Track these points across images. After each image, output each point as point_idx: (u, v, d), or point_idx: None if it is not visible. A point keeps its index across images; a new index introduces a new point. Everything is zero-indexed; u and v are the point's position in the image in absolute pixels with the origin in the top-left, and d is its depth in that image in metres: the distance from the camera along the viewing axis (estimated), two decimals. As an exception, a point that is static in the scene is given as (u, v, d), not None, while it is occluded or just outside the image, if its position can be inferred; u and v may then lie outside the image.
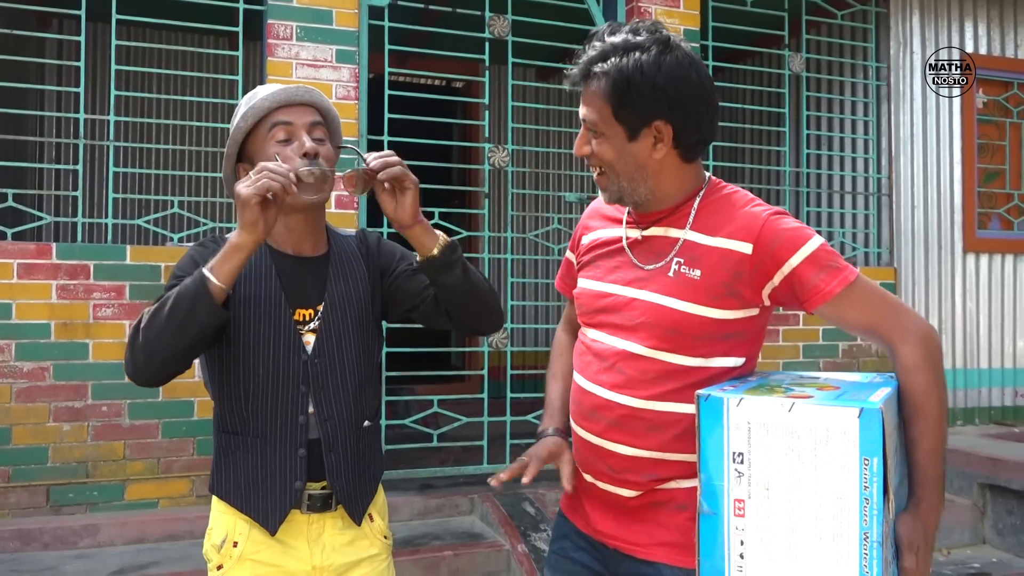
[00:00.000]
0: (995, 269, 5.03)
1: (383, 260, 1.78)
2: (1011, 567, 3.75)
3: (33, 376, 3.29)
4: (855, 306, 1.46)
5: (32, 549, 3.18)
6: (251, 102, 1.64)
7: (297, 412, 1.62)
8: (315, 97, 1.69)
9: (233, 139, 1.63)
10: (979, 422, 4.93)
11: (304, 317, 1.66)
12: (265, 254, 1.66)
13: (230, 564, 1.63)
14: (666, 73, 1.43)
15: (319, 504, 1.64)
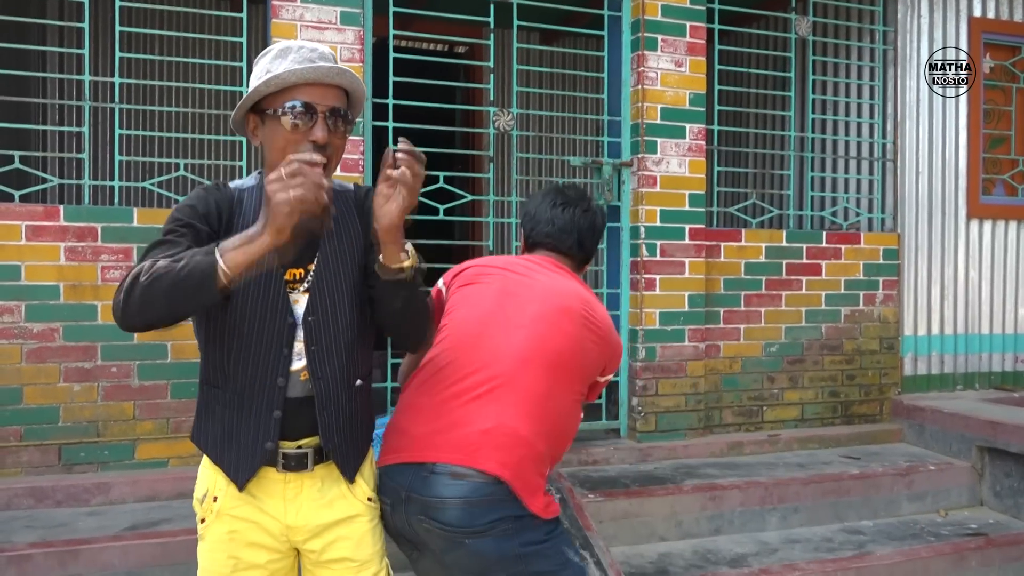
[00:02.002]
0: (998, 235, 5.03)
1: None
2: (1008, 528, 3.81)
3: (43, 337, 3.32)
4: None
5: (45, 506, 3.23)
6: (280, 66, 1.61)
7: (277, 373, 1.63)
8: (345, 79, 1.64)
9: (251, 94, 1.62)
10: (979, 387, 4.97)
11: (295, 276, 1.67)
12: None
13: (211, 519, 1.69)
14: None
15: (294, 463, 1.66)
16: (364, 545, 1.74)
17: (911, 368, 4.82)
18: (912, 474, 4.03)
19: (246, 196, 1.69)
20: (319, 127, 1.59)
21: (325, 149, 1.59)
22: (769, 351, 4.43)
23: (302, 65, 1.59)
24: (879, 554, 3.45)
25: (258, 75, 1.63)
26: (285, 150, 1.58)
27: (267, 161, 1.66)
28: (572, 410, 1.95)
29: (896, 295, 4.73)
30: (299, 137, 1.58)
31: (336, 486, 1.73)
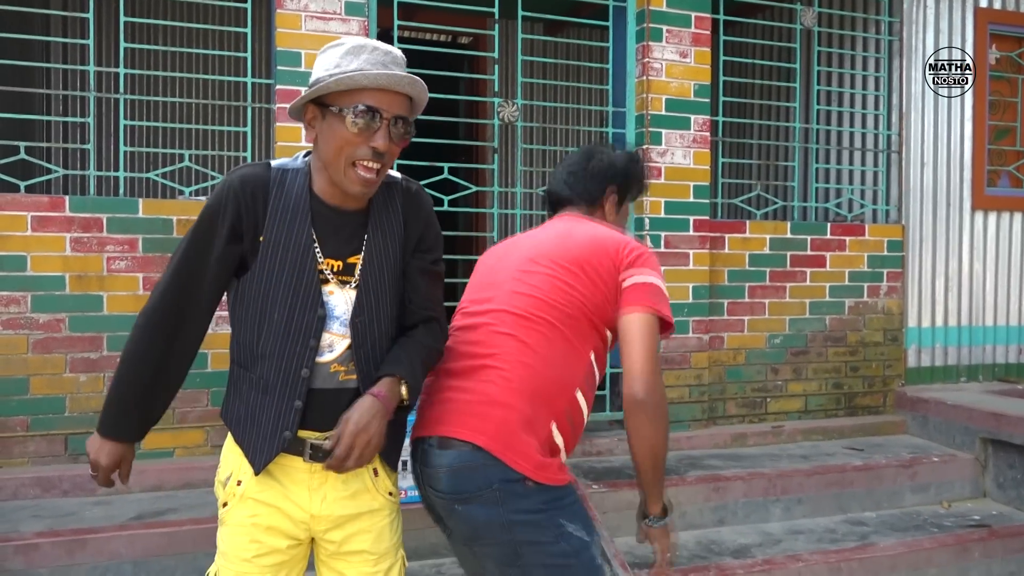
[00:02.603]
0: (1003, 227, 5.03)
1: (423, 238, 1.77)
2: (1011, 520, 3.81)
3: (49, 328, 3.33)
4: None
5: (52, 496, 3.25)
6: (352, 64, 1.58)
7: (301, 364, 1.63)
8: (414, 89, 1.62)
9: (319, 88, 1.58)
10: (983, 379, 4.98)
11: (331, 267, 1.66)
12: (305, 199, 1.64)
13: (234, 502, 1.69)
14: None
15: (321, 455, 1.65)
16: (383, 538, 1.75)
17: (915, 360, 4.82)
18: (915, 466, 4.03)
19: (288, 177, 1.65)
20: (381, 134, 1.57)
21: (383, 156, 1.58)
22: (773, 343, 4.43)
23: (375, 69, 1.57)
24: (882, 545, 3.46)
25: (326, 67, 1.60)
26: (343, 150, 1.57)
27: (320, 153, 1.63)
28: (564, 357, 1.83)
29: (900, 287, 4.73)
30: (360, 140, 1.57)
31: (359, 479, 1.73)
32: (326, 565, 1.77)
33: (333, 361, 1.67)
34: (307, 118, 1.64)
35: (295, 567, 1.73)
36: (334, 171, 1.60)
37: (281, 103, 3.55)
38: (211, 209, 1.64)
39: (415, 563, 3.20)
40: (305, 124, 1.65)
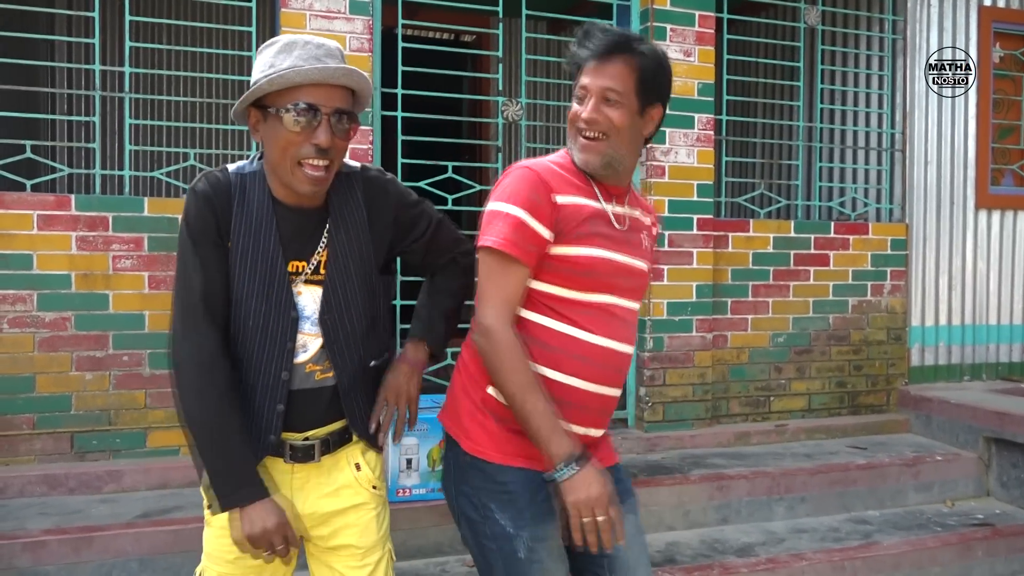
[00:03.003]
0: (1007, 225, 5.02)
1: (399, 220, 1.77)
2: (1015, 518, 3.82)
3: (55, 326, 3.34)
4: None
5: (58, 493, 3.26)
6: (285, 62, 1.56)
7: (280, 368, 1.64)
8: (352, 79, 1.59)
9: (254, 90, 1.57)
10: (986, 377, 4.98)
11: (297, 268, 1.66)
12: (267, 204, 1.63)
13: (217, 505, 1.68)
14: (670, 70, 1.80)
15: (301, 455, 1.68)
16: (369, 532, 1.76)
17: (918, 359, 4.82)
18: (919, 464, 4.04)
19: (247, 183, 1.64)
20: (322, 130, 1.55)
21: (328, 152, 1.56)
22: (777, 341, 4.44)
23: (308, 64, 1.54)
24: (886, 544, 3.46)
25: (261, 68, 1.58)
26: (287, 150, 1.56)
27: (267, 157, 1.62)
28: None
29: (904, 285, 4.73)
30: (302, 138, 1.55)
31: (342, 475, 1.74)
32: (316, 560, 1.80)
33: (308, 361, 1.67)
34: (251, 122, 1.63)
35: (283, 566, 1.74)
36: (282, 173, 1.59)
37: (286, 102, 3.55)
38: (193, 226, 1.60)
39: (419, 561, 3.21)
40: (251, 129, 1.64)
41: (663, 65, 1.76)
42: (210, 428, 1.56)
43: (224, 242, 1.61)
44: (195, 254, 1.58)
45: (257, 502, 1.56)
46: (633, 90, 1.72)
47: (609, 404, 1.82)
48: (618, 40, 1.73)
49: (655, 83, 1.74)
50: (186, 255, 1.59)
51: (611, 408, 1.84)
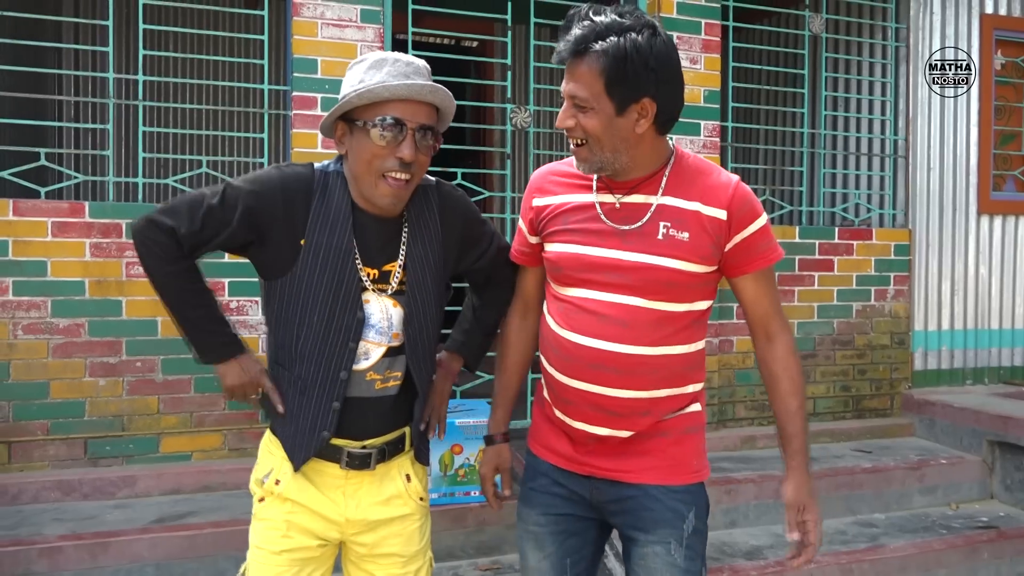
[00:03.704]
0: (1008, 231, 5.07)
1: (466, 237, 1.82)
2: (1019, 521, 3.85)
3: (69, 332, 3.36)
4: (769, 287, 1.74)
5: (72, 499, 3.28)
6: (374, 78, 1.60)
7: (340, 367, 1.66)
8: (437, 97, 1.64)
9: (343, 104, 1.62)
10: (988, 381, 5.02)
11: (370, 275, 1.69)
12: (347, 205, 1.67)
13: (271, 499, 1.73)
14: (657, 55, 1.57)
15: (357, 463, 1.71)
16: (413, 541, 1.80)
17: (921, 363, 4.86)
18: (923, 468, 4.07)
19: (330, 181, 1.69)
20: (407, 145, 1.59)
21: (410, 166, 1.61)
22: (780, 346, 4.46)
23: (396, 80, 1.59)
24: (892, 546, 3.50)
25: (351, 83, 1.63)
26: (372, 163, 1.60)
27: (351, 167, 1.66)
28: None
29: (907, 290, 4.77)
30: (387, 152, 1.59)
31: (393, 484, 1.78)
32: (355, 566, 1.82)
33: (369, 369, 1.70)
34: (337, 135, 1.68)
35: (322, 565, 1.77)
36: (364, 184, 1.63)
37: (297, 109, 3.59)
38: (248, 195, 1.63)
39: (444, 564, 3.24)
40: (336, 141, 1.69)
41: (632, 57, 1.54)
42: (182, 296, 1.65)
43: (282, 239, 1.65)
44: (237, 213, 1.62)
45: (231, 359, 1.69)
46: (602, 93, 1.58)
47: (603, 402, 1.68)
48: (581, 37, 1.58)
49: (627, 79, 1.56)
50: (229, 200, 1.62)
51: (610, 407, 1.68)
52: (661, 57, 1.57)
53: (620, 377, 1.67)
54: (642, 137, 1.63)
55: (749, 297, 1.73)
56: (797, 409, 1.74)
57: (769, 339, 1.75)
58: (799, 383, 1.75)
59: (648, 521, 1.71)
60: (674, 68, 1.61)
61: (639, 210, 1.68)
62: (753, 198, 1.70)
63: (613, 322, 1.66)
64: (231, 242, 1.65)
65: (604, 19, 1.58)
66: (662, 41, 1.58)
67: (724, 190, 1.67)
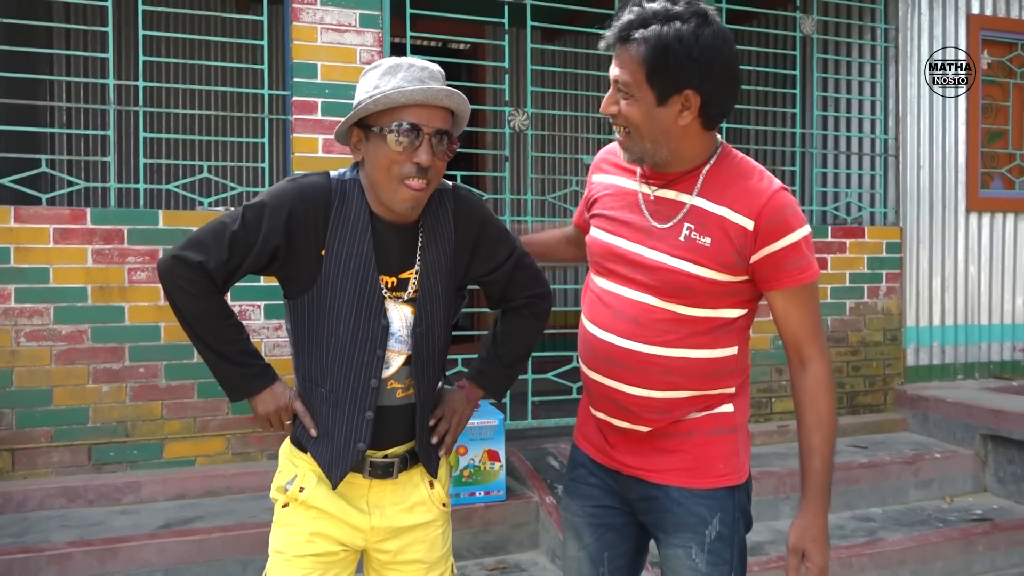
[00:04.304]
0: (996, 228, 5.15)
1: (479, 244, 1.79)
2: (1012, 513, 3.92)
3: (72, 339, 3.36)
4: (804, 307, 1.63)
5: (77, 506, 3.28)
6: (389, 83, 1.59)
7: (370, 375, 1.66)
8: (453, 101, 1.62)
9: (358, 110, 1.60)
10: (979, 376, 5.09)
11: (388, 284, 1.68)
12: (365, 213, 1.66)
13: (295, 505, 1.72)
14: (703, 46, 1.51)
15: (380, 472, 1.71)
16: (435, 547, 1.80)
17: (913, 359, 4.93)
18: (918, 462, 4.14)
19: (348, 190, 1.68)
20: (424, 149, 1.58)
21: (428, 171, 1.59)
22: (777, 344, 4.52)
23: (412, 85, 1.58)
24: (890, 540, 3.56)
25: (365, 89, 1.62)
26: (390, 169, 1.59)
27: (368, 173, 1.65)
28: None
29: (899, 287, 4.84)
30: (404, 157, 1.58)
31: (416, 491, 1.78)
32: (378, 573, 1.82)
33: (390, 378, 1.70)
34: (352, 141, 1.66)
35: (346, 569, 1.77)
36: (381, 190, 1.62)
37: (297, 114, 3.60)
38: (268, 211, 1.62)
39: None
40: (351, 148, 1.68)
41: (674, 47, 1.49)
42: (211, 334, 1.65)
43: (303, 251, 1.64)
44: (262, 233, 1.61)
45: (264, 390, 1.70)
46: (643, 81, 1.54)
47: (617, 397, 1.68)
48: (626, 23, 1.55)
49: (668, 69, 1.51)
50: (250, 222, 1.61)
51: (624, 403, 1.68)
52: (707, 48, 1.51)
53: (632, 374, 1.65)
54: (685, 130, 1.58)
55: (778, 314, 1.66)
56: (819, 446, 1.62)
57: (802, 364, 1.65)
58: (826, 419, 1.62)
59: (670, 524, 1.69)
60: (724, 60, 1.54)
61: (673, 208, 1.64)
62: (790, 210, 1.59)
63: (625, 318, 1.65)
64: (258, 263, 1.64)
65: (654, 5, 1.54)
66: (712, 32, 1.52)
67: (759, 198, 1.59)
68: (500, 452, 3.46)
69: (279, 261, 1.65)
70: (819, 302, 1.68)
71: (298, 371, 1.75)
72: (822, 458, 1.63)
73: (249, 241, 1.61)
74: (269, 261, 1.65)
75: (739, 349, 1.70)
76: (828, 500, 1.65)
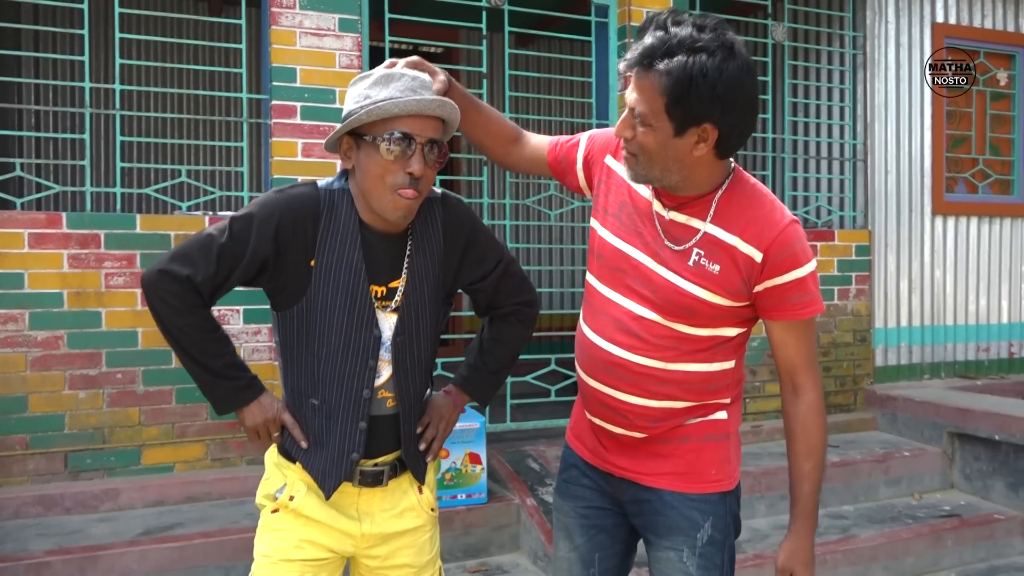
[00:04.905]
0: (960, 231, 5.29)
1: (468, 252, 1.78)
2: (978, 509, 4.03)
3: (47, 345, 3.32)
4: (800, 338, 1.66)
5: (54, 514, 3.24)
6: (381, 94, 1.59)
7: (363, 385, 1.66)
8: (445, 111, 1.63)
9: (351, 120, 1.60)
10: (945, 376, 5.22)
11: (377, 293, 1.68)
12: (355, 224, 1.66)
13: (285, 512, 1.71)
14: (726, 81, 1.47)
15: (370, 480, 1.72)
16: (424, 552, 1.81)
17: (882, 359, 5.04)
18: (888, 460, 4.24)
19: (336, 198, 1.67)
20: (416, 159, 1.58)
21: (419, 181, 1.60)
22: (750, 346, 4.60)
23: (405, 96, 1.58)
24: (863, 537, 3.64)
25: (356, 99, 1.62)
26: (382, 178, 1.59)
27: (359, 182, 1.65)
28: None
29: (868, 289, 4.95)
30: (396, 167, 1.58)
31: (406, 497, 1.78)
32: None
33: (381, 387, 1.70)
34: (343, 149, 1.66)
35: (334, 573, 1.78)
36: (373, 199, 1.62)
37: (276, 118, 3.59)
38: (256, 222, 1.61)
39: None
40: (341, 155, 1.67)
41: (698, 82, 1.45)
42: (197, 347, 1.64)
43: (292, 263, 1.63)
44: (250, 245, 1.59)
45: (252, 402, 1.70)
46: (662, 111, 1.50)
47: (614, 404, 1.69)
48: (649, 50, 1.50)
49: (690, 103, 1.47)
50: (238, 234, 1.60)
51: (621, 410, 1.69)
52: (731, 83, 1.47)
53: (630, 384, 1.66)
54: (699, 160, 1.56)
55: (775, 341, 1.68)
56: (809, 472, 1.66)
57: (795, 392, 1.68)
58: (817, 447, 1.67)
59: (662, 527, 1.71)
60: (746, 95, 1.51)
61: (686, 232, 1.63)
62: (799, 245, 1.59)
63: (628, 331, 1.65)
64: (246, 275, 1.63)
65: (679, 31, 1.48)
66: (736, 66, 1.48)
67: (770, 230, 1.58)
68: (481, 455, 3.48)
69: (267, 273, 1.64)
70: (816, 333, 1.72)
71: (286, 382, 1.73)
72: (812, 484, 1.67)
73: (237, 253, 1.59)
74: (257, 273, 1.63)
75: (736, 363, 1.73)
76: (816, 523, 1.70)
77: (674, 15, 1.53)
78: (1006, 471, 4.09)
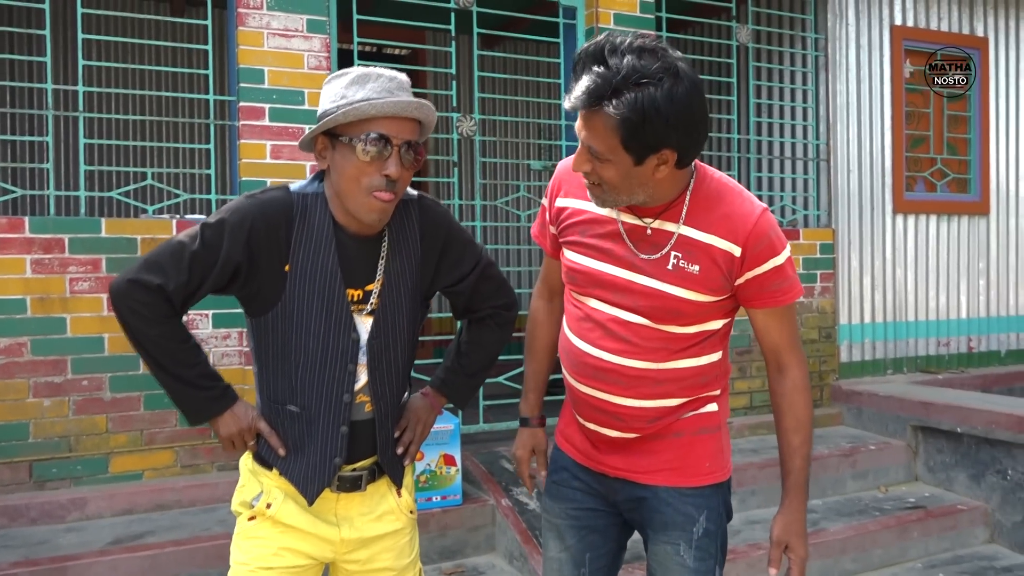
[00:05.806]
0: (920, 228, 5.41)
1: (445, 254, 1.77)
2: (942, 500, 4.12)
3: (10, 352, 3.25)
4: (783, 321, 1.72)
5: (19, 525, 3.17)
6: (358, 94, 1.57)
7: (343, 390, 1.65)
8: (422, 112, 1.61)
9: (327, 120, 1.57)
10: (907, 370, 5.33)
11: (353, 297, 1.66)
12: (329, 227, 1.63)
13: (262, 519, 1.69)
14: (677, 108, 1.46)
15: (348, 485, 1.71)
16: (404, 555, 1.81)
17: (847, 355, 5.13)
18: (854, 454, 4.32)
19: (309, 202, 1.64)
20: (393, 161, 1.56)
21: (396, 183, 1.58)
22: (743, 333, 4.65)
23: (382, 97, 1.56)
24: (832, 530, 3.70)
25: (331, 98, 1.59)
26: (358, 180, 1.57)
27: (334, 183, 1.63)
28: None
29: (832, 287, 5.04)
30: (372, 168, 1.56)
31: (384, 501, 1.78)
32: None
33: (359, 391, 1.69)
34: (317, 149, 1.63)
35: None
36: (348, 201, 1.60)
37: (244, 120, 3.55)
38: (228, 229, 1.58)
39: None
40: (316, 155, 1.65)
41: (651, 118, 1.44)
42: (170, 355, 1.61)
43: (266, 268, 1.61)
44: (222, 252, 1.57)
45: (226, 411, 1.68)
46: (619, 147, 1.49)
47: (609, 407, 1.71)
48: (594, 91, 1.46)
49: (645, 137, 1.47)
50: (209, 241, 1.57)
51: (616, 413, 1.71)
52: (682, 107, 1.46)
53: (625, 387, 1.68)
54: (662, 178, 1.58)
55: (759, 326, 1.73)
56: (798, 446, 1.71)
57: (780, 371, 1.73)
58: (803, 421, 1.72)
59: (658, 523, 1.74)
60: (697, 113, 1.50)
61: (659, 237, 1.65)
62: (774, 233, 1.63)
63: (618, 337, 1.67)
64: (219, 282, 1.60)
65: (620, 63, 1.44)
66: (684, 89, 1.46)
67: (744, 223, 1.61)
68: (456, 456, 3.47)
69: (240, 280, 1.61)
70: (796, 314, 1.77)
71: (262, 389, 1.71)
72: (802, 457, 1.72)
73: (209, 261, 1.57)
74: (230, 280, 1.61)
75: (722, 354, 1.77)
76: (807, 496, 1.75)
77: (609, 43, 1.48)
78: (968, 463, 4.19)
